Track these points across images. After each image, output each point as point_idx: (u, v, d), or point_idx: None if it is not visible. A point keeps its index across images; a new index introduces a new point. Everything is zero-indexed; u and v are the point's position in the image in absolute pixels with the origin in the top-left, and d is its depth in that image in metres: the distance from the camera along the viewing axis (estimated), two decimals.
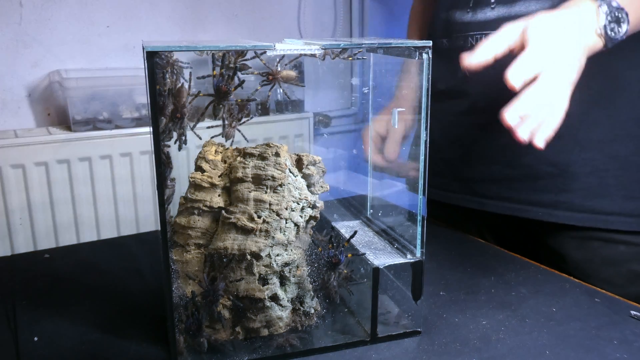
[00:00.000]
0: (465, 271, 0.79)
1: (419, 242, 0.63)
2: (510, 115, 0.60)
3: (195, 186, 0.60)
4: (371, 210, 0.77)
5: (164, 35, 1.68)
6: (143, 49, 0.59)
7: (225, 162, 0.61)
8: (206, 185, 0.59)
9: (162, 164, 0.51)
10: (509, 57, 0.62)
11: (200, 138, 0.59)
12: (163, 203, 0.51)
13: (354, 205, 0.78)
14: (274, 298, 0.60)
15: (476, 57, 0.62)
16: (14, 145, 1.40)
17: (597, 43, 0.67)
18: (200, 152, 0.61)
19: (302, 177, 0.63)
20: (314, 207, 0.63)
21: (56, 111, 1.60)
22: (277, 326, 0.61)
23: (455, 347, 0.61)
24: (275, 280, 0.60)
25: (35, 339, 0.63)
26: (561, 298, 0.71)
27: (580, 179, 0.81)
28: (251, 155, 0.60)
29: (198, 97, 0.56)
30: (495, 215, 0.90)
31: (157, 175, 0.50)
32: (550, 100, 0.61)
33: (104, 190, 1.50)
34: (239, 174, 0.59)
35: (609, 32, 0.66)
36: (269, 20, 1.89)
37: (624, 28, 0.67)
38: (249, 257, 0.58)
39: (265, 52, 0.56)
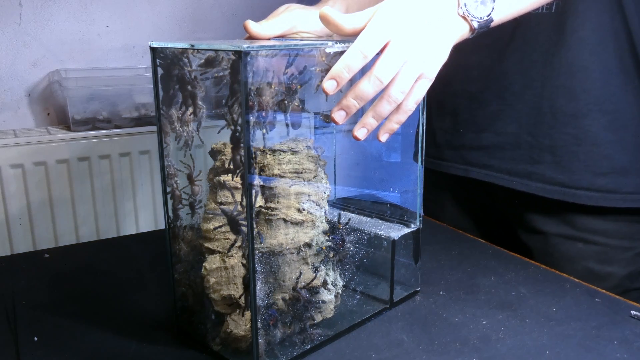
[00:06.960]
0: (465, 271, 0.79)
1: (418, 212, 0.71)
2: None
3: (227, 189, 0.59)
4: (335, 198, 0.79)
5: (164, 35, 1.68)
6: (152, 49, 0.57)
7: None
8: (241, 186, 0.59)
9: (249, 164, 0.52)
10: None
11: (202, 142, 0.59)
12: (251, 205, 0.52)
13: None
14: (324, 283, 0.62)
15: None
16: (14, 145, 1.40)
17: (462, 27, 0.58)
18: (223, 155, 0.61)
19: None
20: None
21: (55, 111, 1.59)
22: (328, 310, 0.63)
23: (455, 347, 0.61)
24: (322, 267, 0.62)
25: (35, 339, 0.63)
26: (561, 298, 0.71)
27: (553, 152, 0.83)
28: (281, 151, 0.61)
29: (201, 93, 0.56)
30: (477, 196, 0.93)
31: (246, 174, 0.51)
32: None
33: (104, 190, 1.49)
34: (276, 171, 0.60)
35: (472, 12, 0.58)
36: None
37: (489, 7, 0.58)
38: (302, 248, 0.60)
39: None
